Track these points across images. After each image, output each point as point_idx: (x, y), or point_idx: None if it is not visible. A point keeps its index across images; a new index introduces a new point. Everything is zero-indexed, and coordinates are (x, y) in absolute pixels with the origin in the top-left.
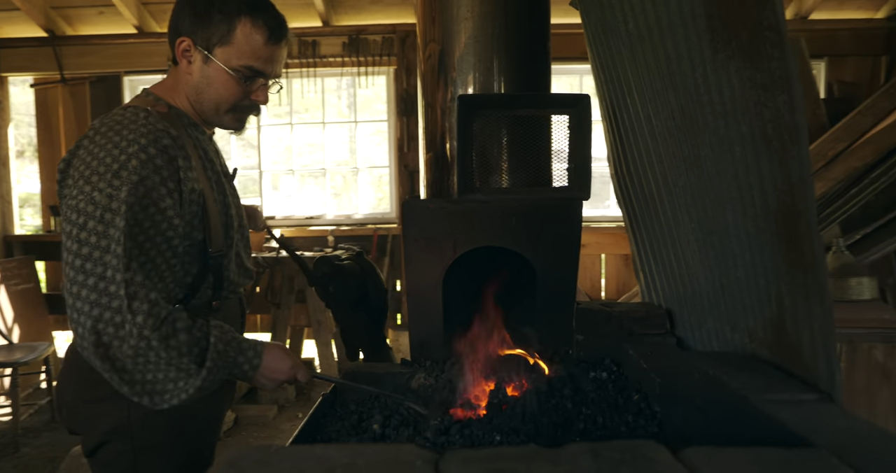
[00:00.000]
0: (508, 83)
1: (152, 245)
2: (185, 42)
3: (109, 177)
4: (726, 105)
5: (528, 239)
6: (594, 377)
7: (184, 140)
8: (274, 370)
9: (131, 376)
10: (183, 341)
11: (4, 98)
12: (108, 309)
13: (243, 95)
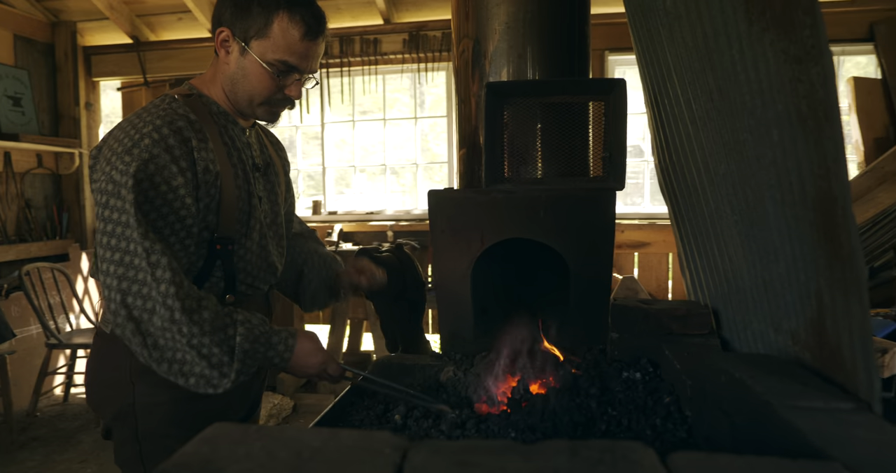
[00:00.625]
0: (542, 71)
1: (165, 223)
2: (225, 32)
3: (124, 155)
4: (762, 82)
5: (559, 231)
6: (626, 377)
7: (204, 124)
8: (304, 365)
9: (162, 353)
10: (206, 319)
11: (96, 101)
12: (135, 282)
13: (276, 89)
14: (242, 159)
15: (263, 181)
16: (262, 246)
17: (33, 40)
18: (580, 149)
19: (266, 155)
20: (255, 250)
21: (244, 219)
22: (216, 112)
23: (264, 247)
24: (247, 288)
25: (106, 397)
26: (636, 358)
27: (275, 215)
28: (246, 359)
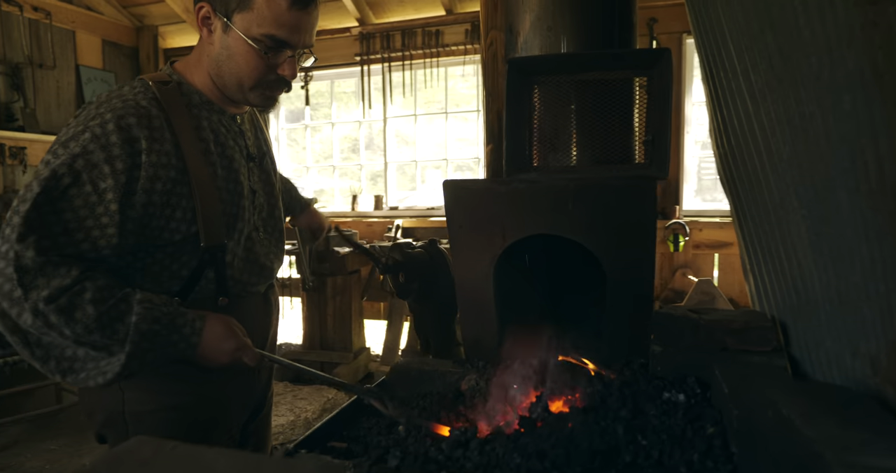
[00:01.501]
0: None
1: (78, 226)
2: (205, 8)
3: (59, 146)
4: (829, 35)
5: (590, 226)
6: (667, 398)
7: (173, 116)
8: (215, 350)
9: (47, 351)
10: (91, 314)
11: None
12: (6, 280)
13: (266, 69)
14: (228, 154)
15: (259, 172)
16: (248, 248)
17: (119, 44)
18: (621, 133)
19: (260, 141)
20: (241, 254)
21: (232, 222)
22: (197, 103)
23: (251, 250)
24: (240, 290)
25: (96, 403)
26: (682, 376)
27: (272, 208)
28: (142, 341)
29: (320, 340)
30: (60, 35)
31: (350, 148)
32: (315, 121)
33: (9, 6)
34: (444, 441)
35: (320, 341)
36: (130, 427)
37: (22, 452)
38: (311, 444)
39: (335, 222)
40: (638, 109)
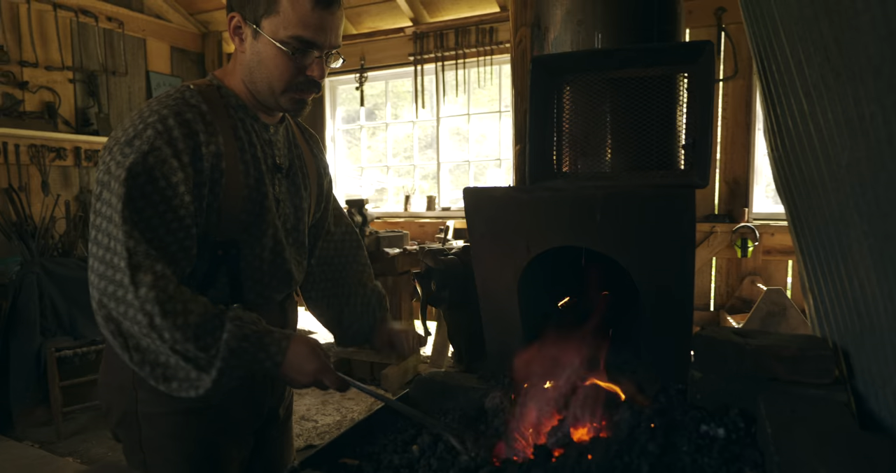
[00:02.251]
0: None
1: (161, 221)
2: (236, 18)
3: (124, 146)
4: (892, 21)
5: (620, 238)
6: (705, 432)
7: (217, 118)
8: (297, 371)
9: (143, 356)
10: (191, 323)
11: None
12: (115, 285)
13: (296, 71)
14: (258, 157)
15: (287, 183)
16: (277, 252)
17: (186, 50)
18: (660, 136)
19: (294, 155)
20: (268, 257)
21: (253, 222)
22: (234, 105)
23: (279, 254)
24: (257, 296)
25: (112, 401)
26: (724, 407)
27: (297, 220)
28: (231, 358)
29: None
30: (132, 43)
31: (404, 148)
32: (370, 122)
33: (85, 17)
34: (455, 465)
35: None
36: (143, 427)
37: (88, 439)
38: (322, 460)
39: None
40: (680, 110)
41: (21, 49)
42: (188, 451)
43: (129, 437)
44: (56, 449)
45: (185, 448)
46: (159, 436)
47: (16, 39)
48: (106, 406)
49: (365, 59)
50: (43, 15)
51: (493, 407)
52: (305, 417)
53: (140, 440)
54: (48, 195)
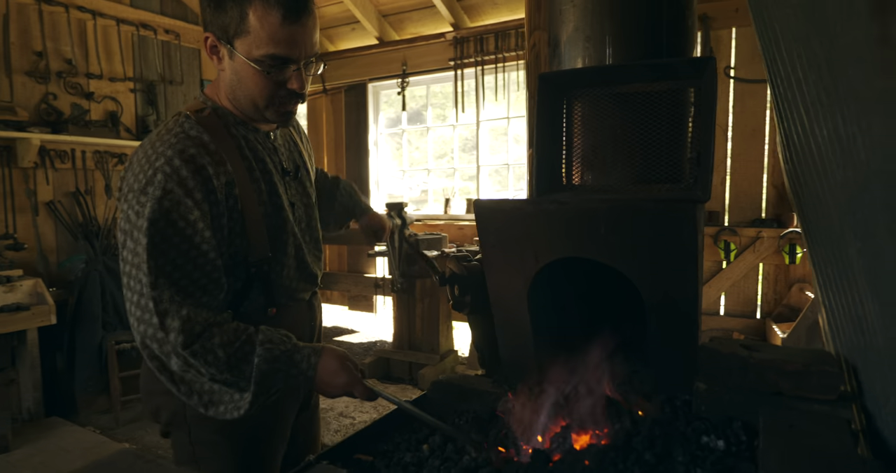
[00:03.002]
0: (622, 55)
1: (186, 259)
2: (210, 37)
3: (139, 193)
4: (861, 45)
5: (625, 251)
6: (705, 443)
7: (220, 144)
8: (327, 383)
9: (189, 387)
10: (221, 357)
11: None
12: (150, 326)
13: (275, 87)
14: (268, 169)
15: (295, 185)
16: (300, 258)
17: None
18: (667, 150)
19: (294, 153)
20: (293, 265)
21: (277, 236)
22: (233, 124)
23: (301, 260)
24: (287, 299)
25: (161, 404)
26: (728, 419)
27: (309, 218)
28: (263, 381)
29: (409, 341)
30: (187, 53)
31: (445, 151)
32: (412, 126)
33: (145, 31)
34: (458, 465)
35: (409, 342)
36: (192, 427)
37: (143, 426)
38: (338, 455)
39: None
40: (687, 124)
41: (88, 62)
42: (236, 447)
43: (181, 437)
44: (114, 435)
45: (233, 444)
46: (208, 433)
47: (83, 54)
48: (153, 409)
49: (407, 64)
50: (107, 30)
51: (505, 412)
52: (344, 414)
53: (189, 437)
54: (111, 198)
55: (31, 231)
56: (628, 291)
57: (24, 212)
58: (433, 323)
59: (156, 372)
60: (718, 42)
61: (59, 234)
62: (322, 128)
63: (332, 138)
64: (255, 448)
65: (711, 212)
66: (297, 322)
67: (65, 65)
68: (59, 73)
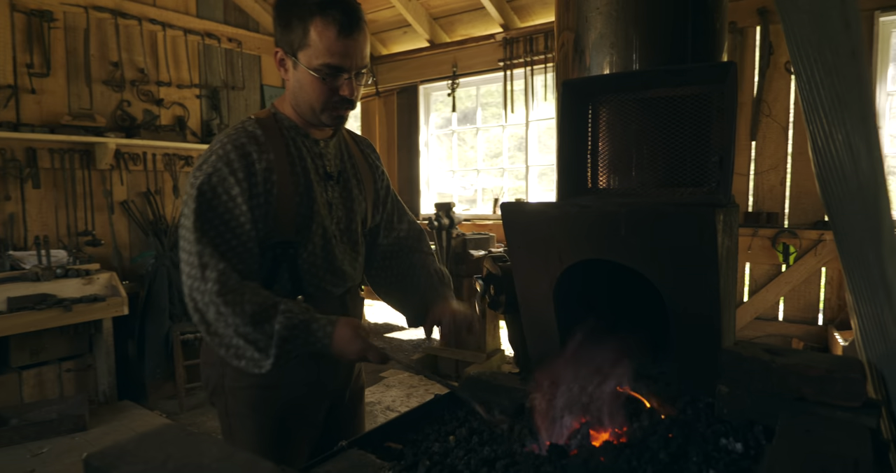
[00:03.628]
0: (647, 59)
1: (227, 228)
2: (279, 52)
3: (196, 170)
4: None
5: (646, 253)
6: (723, 446)
7: (270, 138)
8: (343, 351)
9: (221, 339)
10: (247, 312)
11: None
12: (195, 280)
13: (330, 93)
14: (309, 169)
15: (338, 189)
16: (328, 250)
17: None
18: (691, 153)
19: (346, 163)
20: (320, 254)
21: (303, 223)
22: (287, 127)
23: (330, 252)
24: (315, 290)
25: (208, 376)
26: (749, 423)
27: (349, 221)
28: (284, 344)
29: (455, 339)
30: (249, 60)
31: (496, 151)
32: (462, 127)
33: (210, 40)
34: (477, 457)
35: (455, 340)
36: (229, 398)
37: (205, 413)
38: (368, 442)
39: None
40: (711, 127)
41: (158, 71)
42: (263, 423)
43: (220, 405)
44: (178, 420)
45: (261, 420)
46: (241, 406)
47: (154, 63)
48: (205, 380)
49: (457, 65)
50: (176, 40)
51: (532, 407)
52: (391, 408)
53: (227, 408)
54: (178, 197)
55: (108, 228)
56: (656, 293)
57: (101, 211)
58: (480, 321)
59: (197, 324)
60: (778, 36)
61: (132, 231)
62: (375, 130)
63: (385, 139)
64: (280, 428)
65: (770, 214)
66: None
67: (138, 74)
68: (133, 81)
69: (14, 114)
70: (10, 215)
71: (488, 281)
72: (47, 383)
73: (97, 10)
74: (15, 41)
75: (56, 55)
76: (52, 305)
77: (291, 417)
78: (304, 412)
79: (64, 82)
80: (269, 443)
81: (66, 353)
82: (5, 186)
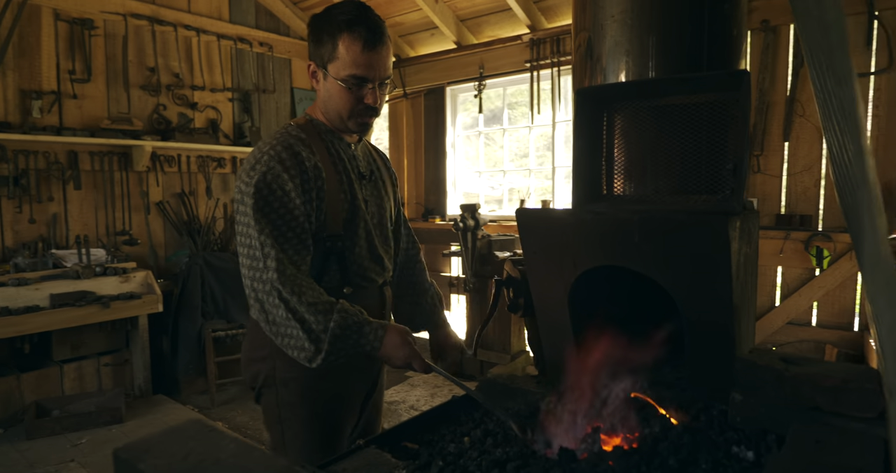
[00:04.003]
0: (663, 67)
1: (283, 221)
2: (311, 65)
3: (249, 170)
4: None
5: (659, 261)
6: (735, 453)
7: (313, 141)
8: (392, 355)
9: (277, 328)
10: (306, 302)
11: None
12: (256, 270)
13: (356, 101)
14: (348, 168)
15: (371, 187)
16: (370, 242)
17: None
18: (707, 160)
19: (373, 165)
20: (364, 245)
21: (350, 218)
22: (324, 131)
23: (371, 243)
24: (361, 279)
25: (256, 371)
26: (763, 431)
27: (381, 216)
28: (336, 342)
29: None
30: (279, 64)
31: (523, 152)
32: (488, 128)
33: (242, 44)
34: (489, 458)
35: (480, 341)
36: (280, 389)
37: (235, 408)
38: (386, 441)
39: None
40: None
41: (192, 75)
42: (313, 410)
43: (269, 397)
44: (210, 414)
45: (311, 408)
46: (291, 396)
47: (188, 67)
48: (251, 375)
49: (483, 67)
50: (209, 45)
51: (547, 411)
52: (415, 407)
53: (277, 399)
54: (211, 198)
55: (144, 228)
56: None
57: (138, 211)
58: (505, 323)
59: (257, 315)
60: None
61: (167, 231)
62: (402, 132)
63: (412, 141)
64: (328, 415)
65: (803, 216)
66: (369, 306)
67: (173, 78)
68: (168, 85)
69: (57, 118)
70: (53, 215)
71: (508, 284)
72: (87, 376)
73: (135, 17)
74: (58, 49)
75: (96, 61)
76: (91, 302)
77: (338, 405)
78: (349, 400)
79: (104, 87)
80: (318, 430)
81: (105, 348)
82: (49, 188)
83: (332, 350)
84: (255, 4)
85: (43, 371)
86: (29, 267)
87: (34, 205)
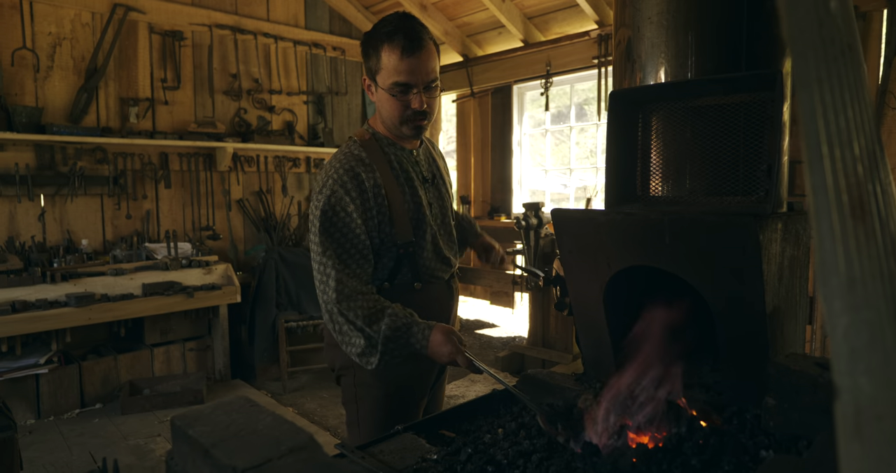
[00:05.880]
0: (700, 67)
1: (345, 239)
2: (366, 79)
3: (318, 194)
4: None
5: (691, 262)
6: (763, 458)
7: (374, 158)
8: (436, 353)
9: (342, 337)
10: (359, 314)
11: (438, 112)
12: (322, 285)
13: (404, 107)
14: (412, 177)
15: (433, 190)
16: (435, 244)
17: None
18: (743, 161)
19: (434, 167)
20: (430, 249)
21: (418, 225)
22: (386, 144)
23: (436, 245)
24: (429, 277)
25: (336, 355)
26: (795, 437)
27: (444, 216)
28: (388, 343)
29: (542, 338)
30: (351, 67)
31: (588, 150)
32: (555, 126)
33: (316, 49)
34: (517, 449)
35: (543, 339)
36: (357, 371)
37: (304, 395)
38: (423, 428)
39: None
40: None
41: (270, 80)
42: (387, 391)
43: (348, 380)
44: (281, 400)
45: (385, 388)
46: (367, 377)
47: (267, 73)
48: (331, 361)
49: (550, 64)
50: (286, 51)
51: (584, 408)
52: (456, 394)
53: (355, 380)
54: (286, 196)
55: (225, 223)
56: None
57: (220, 208)
58: (567, 322)
59: (328, 324)
60: None
61: (246, 227)
62: (469, 130)
63: (479, 139)
64: (401, 393)
65: None
66: (438, 298)
67: (253, 83)
68: (249, 90)
69: (151, 123)
70: (147, 212)
71: (556, 282)
72: (173, 360)
73: (219, 27)
74: (152, 59)
75: (185, 70)
76: (178, 291)
77: (409, 385)
78: (420, 380)
79: (191, 93)
80: (392, 408)
81: (189, 334)
82: (143, 186)
83: (386, 350)
84: (329, 10)
85: (136, 353)
86: (125, 259)
87: (130, 203)
